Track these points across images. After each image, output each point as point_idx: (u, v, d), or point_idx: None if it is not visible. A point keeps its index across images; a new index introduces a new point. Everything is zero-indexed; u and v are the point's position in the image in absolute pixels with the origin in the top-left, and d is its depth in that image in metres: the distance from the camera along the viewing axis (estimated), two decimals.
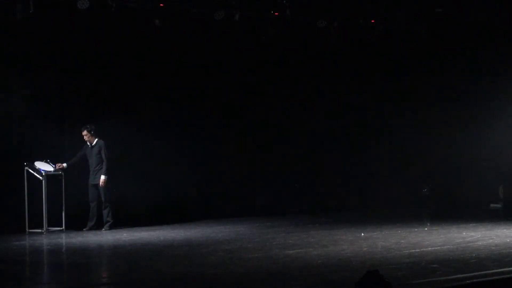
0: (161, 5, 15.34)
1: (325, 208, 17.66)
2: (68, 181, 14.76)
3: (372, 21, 17.42)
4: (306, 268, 9.85)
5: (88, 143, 14.90)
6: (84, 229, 14.67)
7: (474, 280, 8.60)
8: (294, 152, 17.80)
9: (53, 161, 14.63)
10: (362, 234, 13.12)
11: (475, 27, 17.79)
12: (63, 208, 14.59)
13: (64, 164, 14.74)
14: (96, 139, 14.87)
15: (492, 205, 18.06)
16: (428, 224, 14.71)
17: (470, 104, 18.30)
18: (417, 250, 11.15)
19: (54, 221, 14.54)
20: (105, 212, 14.77)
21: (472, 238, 12.40)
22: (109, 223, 14.73)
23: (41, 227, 14.33)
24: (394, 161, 18.51)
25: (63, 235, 14.13)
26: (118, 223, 14.90)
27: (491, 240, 12.01)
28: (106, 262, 11.67)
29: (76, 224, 14.72)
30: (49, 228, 14.42)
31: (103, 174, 14.77)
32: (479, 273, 9.03)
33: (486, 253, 10.69)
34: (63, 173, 14.73)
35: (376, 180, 18.29)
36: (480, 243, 11.71)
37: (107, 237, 13.84)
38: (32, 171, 14.43)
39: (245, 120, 17.28)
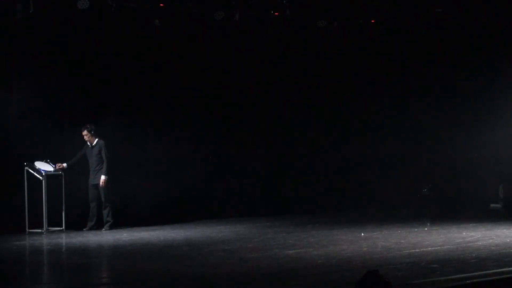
0: (161, 5, 15.34)
1: (325, 208, 17.66)
2: (68, 181, 14.76)
3: (372, 21, 17.42)
4: (306, 268, 9.85)
5: (88, 143, 14.90)
6: (84, 229, 14.68)
7: (474, 280, 8.60)
8: (294, 151, 17.80)
9: (53, 161, 14.63)
10: (362, 234, 13.13)
11: (475, 27, 17.78)
12: (63, 208, 14.60)
13: (64, 164, 14.75)
14: (97, 139, 14.87)
15: (492, 205, 18.06)
16: (428, 224, 14.71)
17: (470, 104, 18.30)
18: (417, 250, 11.15)
19: (54, 221, 14.54)
20: (105, 212, 14.77)
21: (472, 238, 12.40)
22: (109, 223, 14.74)
23: (41, 227, 14.33)
24: (394, 161, 18.50)
25: (63, 235, 14.14)
26: (118, 223, 14.90)
27: (491, 240, 12.02)
28: (106, 262, 11.67)
29: (76, 224, 14.73)
30: (49, 228, 14.43)
31: (103, 174, 14.77)
32: (479, 273, 9.03)
33: (486, 253, 10.69)
34: (63, 173, 14.73)
35: (375, 180, 18.27)
36: (480, 243, 11.71)
37: (107, 237, 13.85)
38: (32, 171, 14.43)
39: (245, 120, 17.28)
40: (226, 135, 17.05)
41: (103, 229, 14.67)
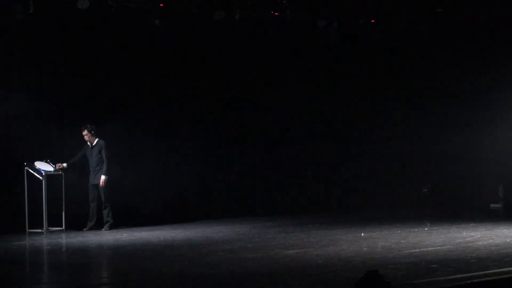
0: (161, 5, 15.34)
1: (325, 208, 17.66)
2: (68, 181, 14.77)
3: (372, 21, 17.42)
4: (306, 268, 9.85)
5: (89, 143, 14.90)
6: (84, 229, 14.68)
7: (474, 280, 8.60)
8: (294, 151, 17.80)
9: (53, 161, 14.63)
10: (362, 234, 13.13)
11: (475, 27, 17.78)
12: (63, 208, 14.59)
13: (64, 164, 14.75)
14: (97, 139, 14.87)
15: (492, 205, 18.06)
16: (428, 224, 14.71)
17: (470, 104, 18.29)
18: (417, 250, 11.15)
19: (54, 221, 14.54)
20: (105, 212, 14.77)
21: (472, 238, 12.40)
22: (109, 223, 14.74)
23: (41, 227, 14.33)
24: (394, 161, 18.49)
25: (63, 235, 14.14)
26: (118, 223, 14.90)
27: (491, 240, 12.02)
28: (106, 262, 11.67)
29: (76, 224, 14.73)
30: (49, 228, 14.43)
31: (103, 174, 14.77)
32: (479, 273, 9.03)
33: (486, 253, 10.69)
34: (63, 173, 14.73)
35: (376, 180, 18.27)
36: (480, 243, 11.72)
37: (107, 237, 13.85)
38: (32, 171, 14.43)
39: (245, 120, 17.28)
40: (226, 135, 17.04)
41: (103, 229, 14.67)
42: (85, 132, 14.82)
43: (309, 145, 17.96)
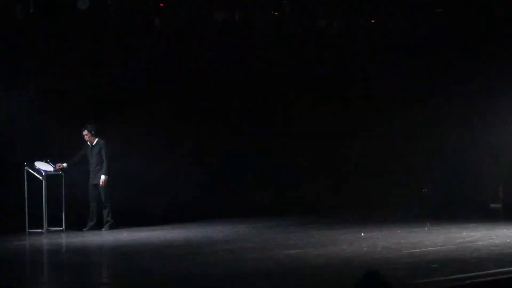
0: (161, 5, 15.34)
1: (325, 208, 17.65)
2: (68, 181, 14.76)
3: (372, 21, 17.42)
4: (306, 268, 9.85)
5: (89, 143, 14.90)
6: (84, 229, 14.67)
7: (474, 280, 8.61)
8: (294, 151, 17.80)
9: (53, 161, 14.63)
10: (362, 234, 13.12)
11: (475, 27, 17.77)
12: (63, 208, 14.59)
13: (64, 164, 14.74)
14: (97, 139, 14.86)
15: (492, 205, 18.05)
16: (428, 224, 14.70)
17: (470, 104, 18.27)
18: (417, 250, 11.15)
19: (54, 221, 14.54)
20: (105, 212, 14.76)
21: (472, 238, 12.40)
22: (109, 223, 14.73)
23: (41, 227, 14.33)
24: (394, 161, 18.48)
25: (63, 235, 14.13)
26: (118, 223, 14.89)
27: (491, 240, 12.02)
28: (106, 262, 11.67)
29: (76, 224, 14.72)
30: (49, 228, 14.42)
31: (103, 174, 14.76)
32: (479, 273, 9.03)
33: (486, 253, 10.70)
34: (63, 173, 14.73)
35: (376, 180, 18.25)
36: (480, 243, 11.72)
37: (107, 237, 13.85)
38: (32, 171, 14.43)
39: (245, 120, 17.28)
40: (226, 135, 17.03)
41: (103, 229, 14.66)
42: (85, 132, 14.81)
43: (309, 145, 17.94)
